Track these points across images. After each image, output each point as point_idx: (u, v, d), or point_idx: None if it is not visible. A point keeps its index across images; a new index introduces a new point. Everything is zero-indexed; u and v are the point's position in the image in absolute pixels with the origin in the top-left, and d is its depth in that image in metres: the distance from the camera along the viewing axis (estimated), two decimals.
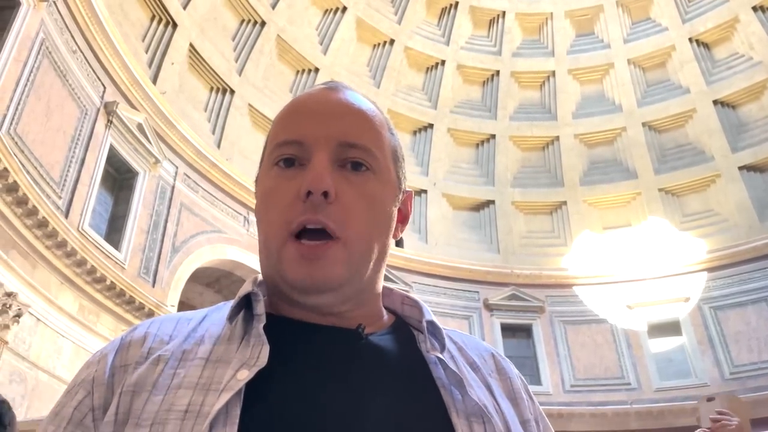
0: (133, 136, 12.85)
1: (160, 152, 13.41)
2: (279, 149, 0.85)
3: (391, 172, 0.88)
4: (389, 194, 0.87)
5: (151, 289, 12.55)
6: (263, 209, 0.86)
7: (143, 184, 13.09)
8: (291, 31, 17.79)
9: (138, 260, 12.56)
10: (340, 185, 0.81)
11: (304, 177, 0.80)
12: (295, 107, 0.89)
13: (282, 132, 0.86)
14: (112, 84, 12.57)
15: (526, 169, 20.38)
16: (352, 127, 0.85)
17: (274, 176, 0.84)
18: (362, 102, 0.90)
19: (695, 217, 18.41)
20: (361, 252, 0.81)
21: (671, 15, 19.23)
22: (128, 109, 12.81)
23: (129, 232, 12.47)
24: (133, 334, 0.83)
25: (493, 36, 20.69)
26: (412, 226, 19.20)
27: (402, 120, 19.92)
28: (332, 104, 0.87)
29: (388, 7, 19.72)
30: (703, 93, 18.76)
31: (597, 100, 20.14)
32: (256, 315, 0.81)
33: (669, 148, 19.26)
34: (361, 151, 0.84)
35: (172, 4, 14.38)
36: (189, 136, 14.26)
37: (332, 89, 0.90)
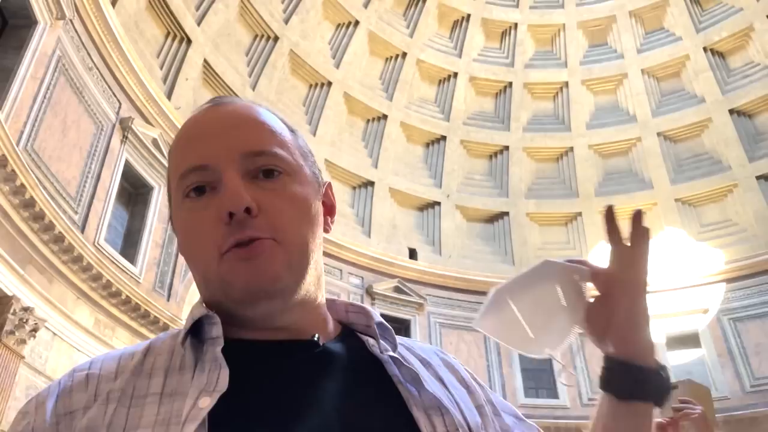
0: (148, 151, 12.98)
1: None
2: (185, 180, 0.81)
3: (304, 169, 0.85)
4: (309, 190, 0.84)
5: (165, 303, 12.61)
6: (188, 245, 0.82)
7: (158, 198, 13.19)
8: (304, 45, 17.93)
9: (153, 274, 12.63)
10: (259, 196, 0.78)
11: (219, 200, 0.77)
12: (188, 132, 0.85)
13: (182, 161, 0.82)
14: (127, 100, 12.72)
15: (541, 181, 20.27)
16: (251, 136, 0.82)
17: (188, 209, 0.81)
18: (253, 108, 0.87)
19: (713, 227, 18.18)
20: (299, 250, 0.80)
21: (685, 25, 19.13)
22: (143, 124, 12.94)
23: (144, 246, 12.55)
24: (73, 378, 0.78)
25: (506, 48, 20.69)
26: (425, 238, 19.17)
27: (415, 132, 19.96)
28: (224, 119, 0.84)
29: (400, 20, 19.82)
30: (718, 102, 18.60)
31: (611, 111, 20.03)
32: (210, 338, 0.77)
33: (685, 158, 19.07)
34: (269, 157, 0.81)
35: (187, 21, 14.56)
36: None
37: (219, 104, 0.87)
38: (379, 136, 19.47)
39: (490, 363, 17.34)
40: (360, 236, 17.84)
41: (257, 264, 0.76)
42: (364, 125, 19.63)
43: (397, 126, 19.63)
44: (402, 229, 19.01)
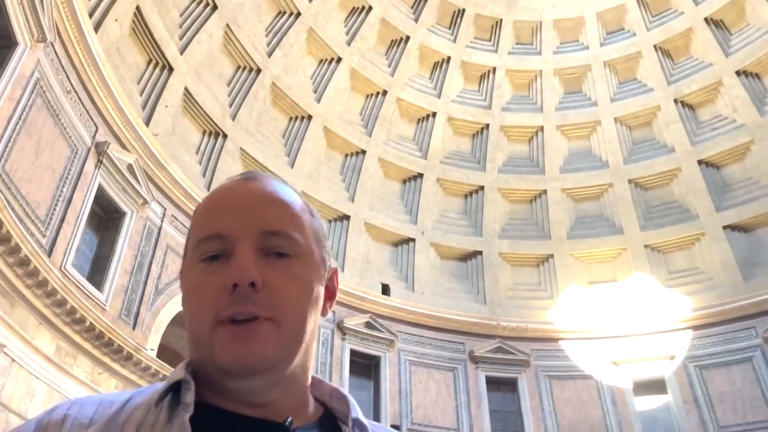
0: (122, 176, 12.87)
1: (148, 193, 13.42)
2: (202, 245, 0.86)
3: (314, 254, 0.90)
4: (315, 275, 0.89)
5: (131, 331, 12.35)
6: (189, 304, 0.86)
7: (130, 224, 13.04)
8: (286, 78, 18.10)
9: (120, 302, 12.40)
10: (266, 273, 0.82)
11: (229, 269, 0.81)
12: (215, 201, 0.90)
13: (203, 227, 0.87)
14: (104, 124, 12.66)
15: (514, 221, 20.51)
16: (272, 215, 0.87)
17: (199, 272, 0.85)
18: (281, 189, 0.92)
19: (681, 274, 18.50)
20: (293, 332, 0.83)
21: (657, 77, 19.76)
22: (119, 149, 12.86)
23: (112, 272, 12.34)
24: (51, 416, 0.81)
25: (484, 90, 21.12)
26: (399, 274, 19.18)
27: (392, 168, 20.13)
28: (251, 195, 0.89)
29: (382, 59, 20.15)
30: (688, 152, 19.13)
31: (584, 156, 20.46)
32: (183, 403, 0.79)
33: (655, 206, 19.49)
34: (283, 238, 0.86)
35: (170, 49, 14.63)
36: (179, 178, 14.30)
37: (250, 179, 0.92)
38: (356, 171, 19.59)
39: (459, 403, 17.23)
40: None
41: (248, 345, 0.79)
42: (343, 159, 19.76)
43: (375, 161, 19.79)
44: (376, 264, 19.00)
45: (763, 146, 18.02)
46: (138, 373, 12.03)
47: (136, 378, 11.99)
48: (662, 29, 19.71)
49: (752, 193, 18.06)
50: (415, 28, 20.16)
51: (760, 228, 17.90)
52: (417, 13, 20.20)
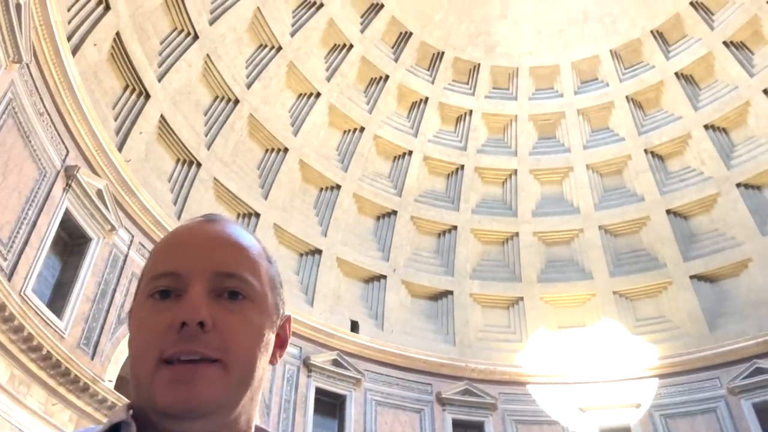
0: (90, 201, 12.62)
1: (117, 219, 13.17)
2: (154, 281, 0.85)
3: (268, 300, 0.89)
4: (267, 321, 0.88)
5: (89, 361, 11.96)
6: (135, 342, 0.84)
7: (95, 251, 12.75)
8: (264, 110, 18.13)
9: (79, 330, 12.03)
10: (217, 314, 0.81)
11: (179, 308, 0.81)
12: (173, 240, 0.91)
13: (158, 265, 0.87)
14: (76, 148, 12.47)
15: (486, 262, 20.58)
16: (228, 257, 0.87)
17: (148, 308, 0.84)
18: (240, 233, 0.92)
19: (648, 322, 18.67)
20: (241, 377, 0.81)
21: (628, 127, 20.27)
22: (89, 174, 12.65)
23: (74, 299, 12.00)
24: None
25: (460, 132, 21.41)
26: (369, 311, 19.02)
27: (367, 204, 20.14)
28: (208, 236, 0.89)
29: (361, 96, 20.35)
30: (656, 202, 19.52)
31: (556, 201, 20.75)
32: None
33: (624, 253, 19.76)
34: (238, 281, 0.85)
35: (148, 76, 14.58)
36: (149, 206, 14.09)
37: (210, 221, 0.93)
38: (331, 206, 19.55)
39: None
40: (302, 304, 17.56)
41: (191, 387, 0.77)
42: (317, 193, 19.72)
43: (349, 197, 19.79)
44: (346, 301, 18.83)
45: (729, 199, 18.48)
46: (94, 405, 11.61)
47: (92, 410, 11.56)
48: (634, 81, 20.31)
49: (718, 245, 18.44)
50: (395, 68, 20.45)
51: (725, 279, 18.23)
52: (397, 54, 20.52)
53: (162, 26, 15.30)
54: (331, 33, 19.29)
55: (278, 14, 17.90)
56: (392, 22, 20.19)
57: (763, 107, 18.20)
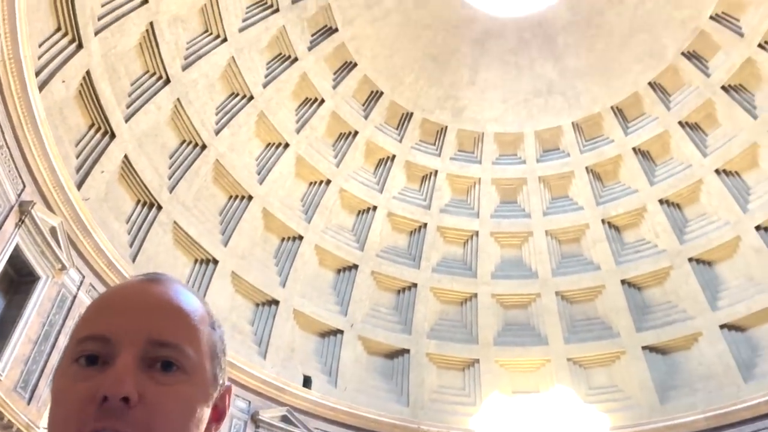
0: (43, 238, 12.27)
1: (68, 259, 12.80)
2: (81, 345, 0.78)
3: (206, 371, 0.83)
4: (202, 395, 0.82)
5: (25, 406, 11.39)
6: (53, 413, 0.77)
7: (43, 289, 12.33)
8: (230, 157, 18.11)
9: (18, 372, 11.48)
10: (145, 387, 0.75)
11: (103, 378, 0.74)
12: (107, 300, 0.84)
13: (88, 326, 0.80)
14: (33, 183, 12.20)
15: (444, 322, 20.52)
16: (165, 323, 0.81)
17: (71, 374, 0.77)
18: (182, 296, 0.86)
19: (600, 391, 18.73)
20: None
21: (587, 196, 20.84)
22: (45, 211, 12.34)
23: (15, 340, 11.50)
24: None
25: (425, 191, 21.70)
26: (323, 366, 18.66)
27: (328, 257, 20.03)
28: (146, 299, 0.83)
29: (329, 149, 20.55)
30: (612, 271, 19.91)
31: (515, 264, 20.99)
32: None
33: (579, 320, 19.97)
34: (173, 350, 0.79)
35: (115, 116, 14.49)
36: (103, 246, 13.75)
37: (152, 281, 0.86)
38: (291, 256, 19.39)
39: None
40: (255, 356, 17.14)
41: None
42: (279, 243, 19.57)
43: (311, 248, 19.68)
44: (300, 355, 18.45)
45: (682, 272, 18.97)
46: None
47: None
48: (594, 153, 21.03)
49: (670, 317, 18.80)
50: (364, 124, 20.79)
51: (676, 352, 18.51)
52: (367, 111, 20.90)
53: (134, 68, 15.32)
54: (303, 87, 19.60)
55: (252, 65, 18.14)
56: (364, 80, 20.65)
57: (715, 186, 18.97)
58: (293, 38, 18.69)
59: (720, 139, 19.07)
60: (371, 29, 19.92)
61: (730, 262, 18.57)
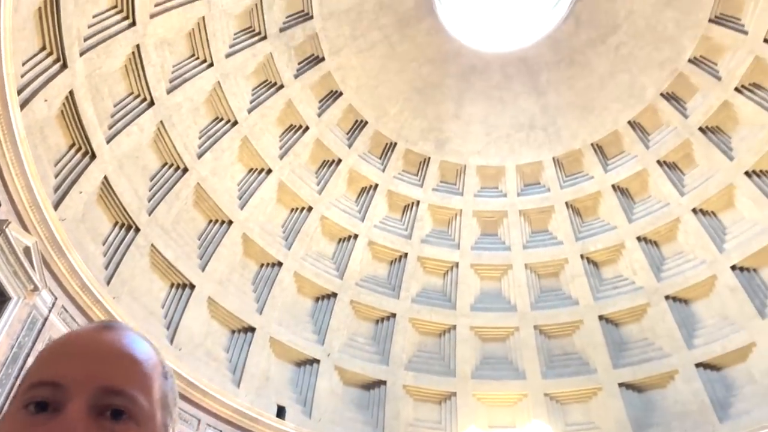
0: (16, 258, 12.00)
1: (41, 280, 12.52)
2: (32, 390, 0.77)
3: (156, 421, 0.82)
4: None
5: None
6: None
7: (13, 310, 12.01)
8: (212, 181, 18.02)
9: None
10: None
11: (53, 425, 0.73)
12: (61, 346, 0.83)
13: (38, 372, 0.79)
14: (9, 202, 11.98)
15: (422, 354, 20.38)
16: (117, 371, 0.80)
17: (20, 421, 0.75)
18: (136, 344, 0.85)
19: (577, 427, 18.64)
20: None
21: (566, 231, 21.03)
22: (19, 230, 12.10)
23: None
24: None
25: (406, 221, 21.74)
26: (298, 396, 18.38)
27: (307, 284, 19.89)
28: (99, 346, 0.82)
29: (312, 177, 20.55)
30: (590, 307, 20.01)
31: (494, 297, 21.01)
32: None
33: (557, 355, 19.96)
34: (124, 399, 0.78)
35: (96, 137, 14.37)
36: (78, 268, 13.50)
37: (106, 329, 0.86)
38: (270, 283, 19.21)
39: None
40: (228, 384, 16.83)
41: None
42: (257, 269, 19.40)
43: (290, 275, 19.53)
44: (275, 383, 18.16)
45: (658, 310, 19.12)
46: None
47: None
48: (574, 189, 21.29)
49: (647, 354, 18.87)
50: (348, 153, 20.87)
51: (652, 389, 18.55)
52: (351, 140, 21.01)
53: (118, 89, 15.27)
54: (288, 113, 19.67)
55: (238, 90, 18.19)
56: (349, 109, 20.80)
57: (692, 225, 19.26)
58: (280, 66, 18.81)
59: (697, 179, 19.43)
60: (357, 60, 20.14)
61: (706, 300, 18.76)
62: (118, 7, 14.34)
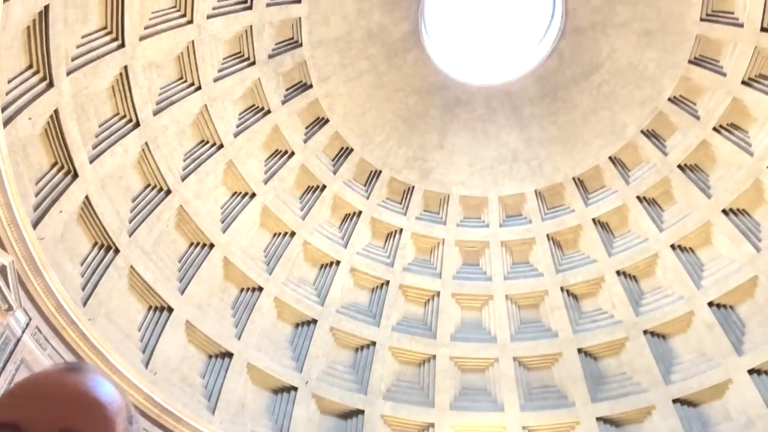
0: None
1: (16, 299, 12.32)
2: None
3: None
4: None
5: None
6: None
7: None
8: (195, 204, 17.94)
9: None
10: None
11: None
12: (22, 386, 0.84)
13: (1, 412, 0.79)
14: None
15: (401, 383, 20.23)
16: (79, 414, 0.80)
17: None
18: (100, 388, 0.85)
19: None
20: None
21: (547, 263, 21.16)
22: None
23: None
24: None
25: (389, 248, 21.76)
26: (273, 424, 18.11)
27: (287, 310, 19.74)
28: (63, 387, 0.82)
29: (296, 202, 20.56)
30: (569, 340, 20.05)
31: (475, 327, 20.98)
32: None
33: (535, 387, 19.91)
34: None
35: (79, 156, 14.30)
36: (54, 288, 13.30)
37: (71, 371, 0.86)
38: (249, 308, 19.04)
39: None
40: (203, 411, 16.55)
41: None
42: (237, 293, 19.23)
43: (270, 300, 19.38)
44: (250, 411, 17.88)
45: (637, 344, 19.21)
46: None
47: None
48: (555, 222, 21.49)
49: (625, 389, 18.90)
50: (333, 179, 20.94)
51: (630, 424, 18.53)
52: (336, 167, 21.09)
53: (104, 109, 15.25)
54: (274, 138, 19.74)
55: (225, 114, 18.24)
56: (335, 136, 20.93)
57: (671, 261, 19.49)
58: (268, 91, 18.93)
59: (676, 216, 19.73)
60: (345, 88, 20.34)
61: (683, 336, 18.91)
62: (107, 28, 14.41)
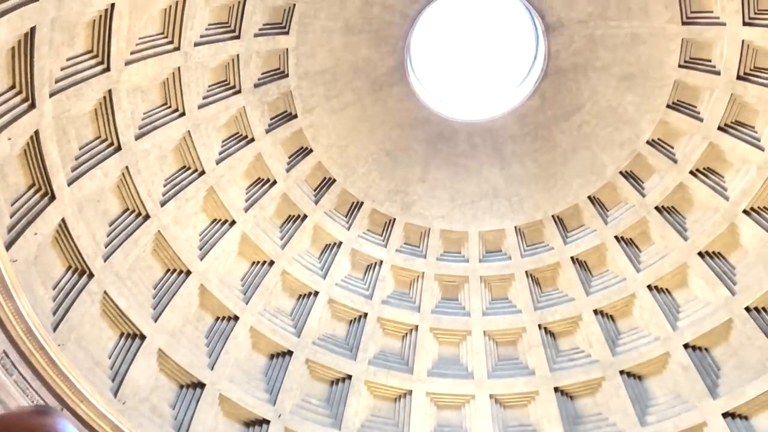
0: None
1: None
2: None
3: None
4: None
5: None
6: None
7: None
8: (173, 230, 17.75)
9: None
10: None
11: None
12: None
13: None
14: None
15: (375, 419, 19.90)
16: None
17: None
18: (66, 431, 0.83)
19: None
20: None
21: (525, 300, 21.20)
22: None
23: None
24: None
25: (368, 280, 21.65)
26: None
27: (262, 341, 19.45)
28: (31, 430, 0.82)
29: (276, 231, 20.45)
30: (546, 378, 19.97)
31: (452, 363, 20.83)
32: None
33: (511, 426, 19.70)
34: None
35: (58, 178, 14.11)
36: (24, 312, 12.96)
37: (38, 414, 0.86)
38: (224, 337, 18.72)
39: None
40: None
41: None
42: (212, 322, 18.92)
43: (246, 330, 19.09)
44: None
45: (613, 384, 19.18)
46: None
47: None
48: (534, 259, 21.61)
49: (601, 429, 18.79)
50: (314, 209, 20.91)
51: None
52: (318, 197, 21.08)
53: (85, 132, 15.13)
54: (256, 166, 19.71)
55: (208, 141, 18.21)
56: (318, 166, 20.98)
57: (647, 301, 19.63)
58: (252, 120, 18.97)
59: (653, 257, 19.95)
60: (329, 119, 20.47)
61: (659, 377, 18.94)
62: (93, 51, 14.38)
